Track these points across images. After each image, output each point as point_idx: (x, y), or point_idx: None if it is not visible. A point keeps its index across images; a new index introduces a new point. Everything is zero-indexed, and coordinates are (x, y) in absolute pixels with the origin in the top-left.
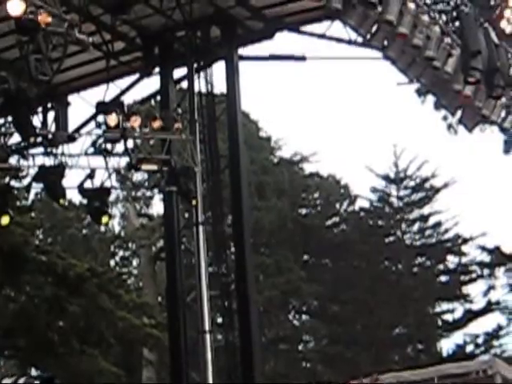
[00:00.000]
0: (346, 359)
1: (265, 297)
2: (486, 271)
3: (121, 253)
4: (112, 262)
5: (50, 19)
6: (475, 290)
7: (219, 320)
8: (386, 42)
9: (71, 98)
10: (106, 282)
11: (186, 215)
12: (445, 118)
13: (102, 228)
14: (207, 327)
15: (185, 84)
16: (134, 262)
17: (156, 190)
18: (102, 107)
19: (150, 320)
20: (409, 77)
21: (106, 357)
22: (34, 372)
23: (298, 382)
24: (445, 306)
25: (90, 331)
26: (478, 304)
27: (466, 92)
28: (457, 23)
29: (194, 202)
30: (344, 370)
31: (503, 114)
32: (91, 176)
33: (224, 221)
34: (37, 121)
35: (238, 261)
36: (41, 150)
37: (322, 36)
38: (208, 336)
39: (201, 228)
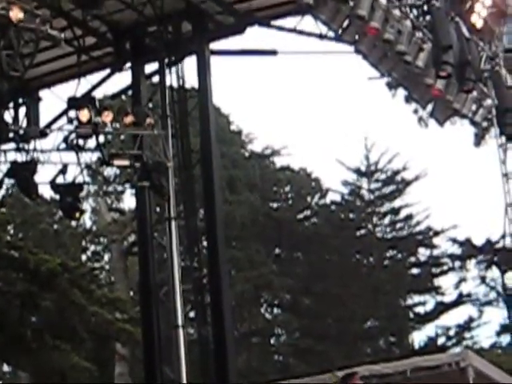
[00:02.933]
0: (318, 352)
1: (237, 291)
2: (457, 263)
3: (92, 247)
4: (83, 257)
5: (21, 15)
6: (446, 283)
7: (192, 314)
8: (357, 37)
9: (42, 93)
10: (77, 277)
11: (158, 210)
12: (415, 112)
13: (74, 223)
14: (180, 322)
15: (156, 79)
16: (106, 257)
17: (127, 185)
18: (74, 102)
19: (123, 315)
20: (380, 71)
21: (79, 352)
22: (6, 368)
23: (270, 376)
24: (416, 298)
25: (62, 326)
26: (450, 296)
27: (438, 86)
28: (428, 17)
29: (166, 197)
30: (316, 363)
31: (474, 107)
32: (63, 171)
33: (196, 215)
34: (8, 116)
35: (210, 255)
36: (12, 145)
37: (293, 30)
38: (181, 330)
39: (173, 223)
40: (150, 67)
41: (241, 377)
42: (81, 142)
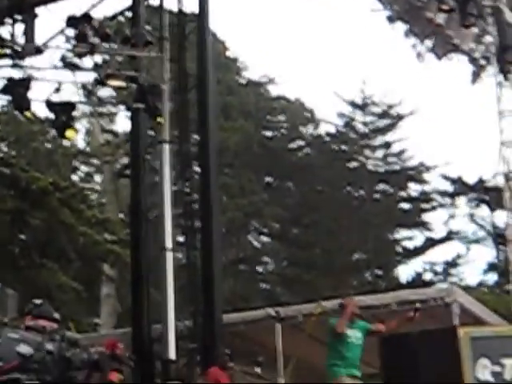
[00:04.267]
0: (305, 282)
1: (227, 217)
2: (447, 200)
3: (84, 168)
4: (75, 178)
5: None
6: (436, 219)
7: (181, 239)
8: None
9: (40, 10)
10: (68, 196)
11: (152, 133)
12: (414, 46)
13: (66, 143)
14: (169, 245)
15: (155, 2)
16: (97, 178)
17: (121, 107)
18: (72, 21)
19: (112, 236)
20: (382, 3)
21: (66, 271)
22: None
23: (256, 303)
24: (405, 233)
25: (50, 245)
26: (438, 232)
27: (438, 20)
28: None
29: (160, 120)
30: (302, 292)
31: (474, 44)
32: (58, 90)
33: (190, 140)
34: (6, 32)
35: (202, 180)
36: (8, 62)
37: None
38: (169, 254)
39: (166, 146)
40: None
41: (226, 303)
42: (77, 60)
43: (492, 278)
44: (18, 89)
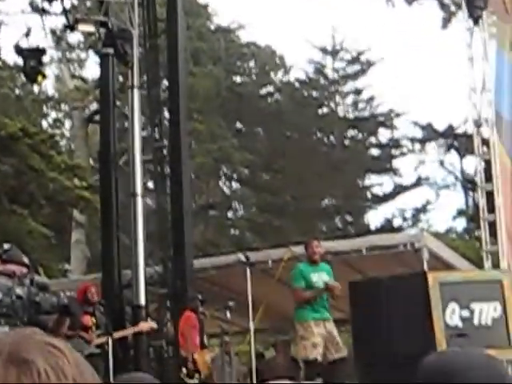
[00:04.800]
0: (275, 228)
1: (196, 163)
2: (417, 146)
3: (53, 114)
4: (44, 123)
5: None
6: (406, 165)
7: (151, 185)
8: None
9: None
10: (37, 142)
11: (121, 79)
12: None
13: (36, 89)
14: (139, 190)
15: None
16: (67, 124)
17: (91, 53)
18: None
19: (82, 182)
20: None
21: (36, 217)
22: None
23: (226, 248)
24: (374, 178)
25: (20, 191)
26: (408, 178)
27: None
28: None
29: (129, 65)
30: (272, 238)
31: None
32: (27, 34)
33: (159, 85)
34: None
35: (171, 126)
36: None
37: None
38: (139, 199)
39: (136, 91)
40: None
41: (196, 248)
42: (46, 5)
43: (461, 223)
44: None
